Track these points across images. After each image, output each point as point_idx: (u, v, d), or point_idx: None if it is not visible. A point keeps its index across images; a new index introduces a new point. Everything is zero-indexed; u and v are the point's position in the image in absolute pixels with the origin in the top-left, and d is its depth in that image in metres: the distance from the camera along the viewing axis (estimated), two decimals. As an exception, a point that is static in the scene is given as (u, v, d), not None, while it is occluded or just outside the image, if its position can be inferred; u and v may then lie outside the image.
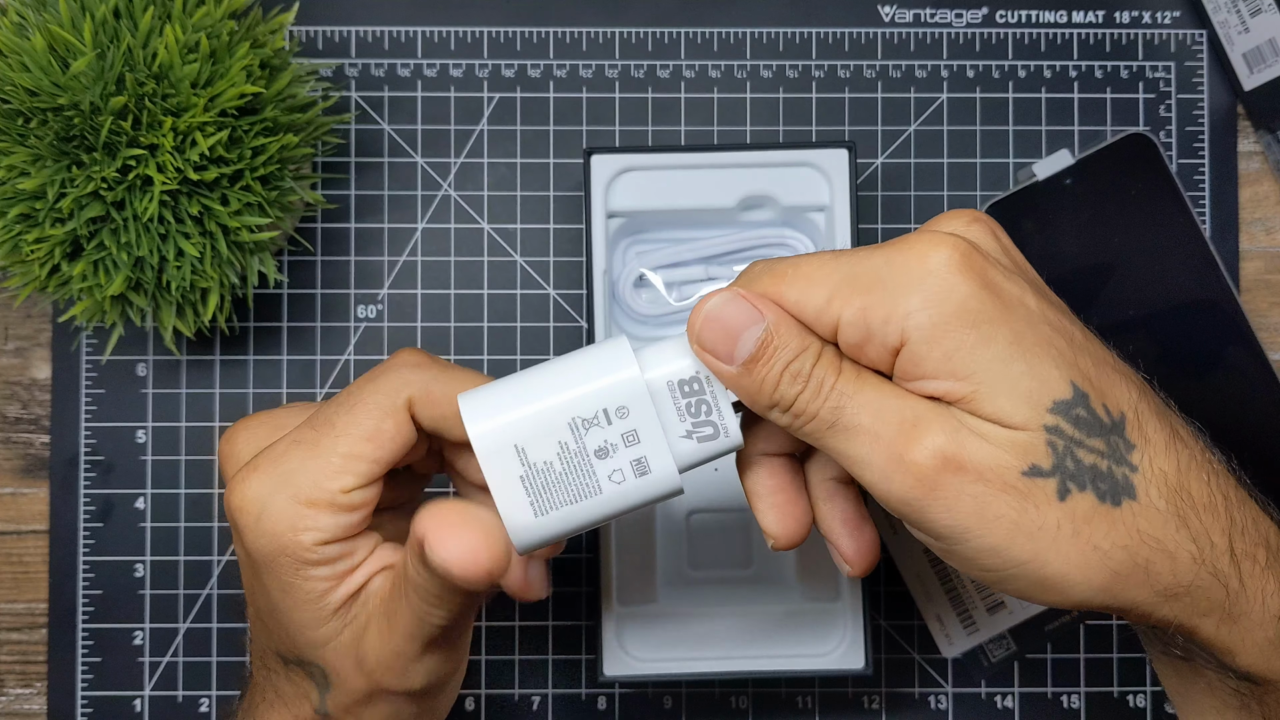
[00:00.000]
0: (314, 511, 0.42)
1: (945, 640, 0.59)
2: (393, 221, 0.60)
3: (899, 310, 0.38)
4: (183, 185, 0.50)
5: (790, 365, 0.39)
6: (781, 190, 0.55)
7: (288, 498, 0.42)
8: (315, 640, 0.43)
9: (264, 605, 0.44)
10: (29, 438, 0.60)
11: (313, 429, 0.43)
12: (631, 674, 0.54)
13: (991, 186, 0.61)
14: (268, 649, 0.46)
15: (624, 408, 0.40)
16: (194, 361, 0.60)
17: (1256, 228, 0.61)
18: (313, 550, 0.42)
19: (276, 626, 0.44)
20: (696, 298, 0.57)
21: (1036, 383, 0.37)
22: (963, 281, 0.38)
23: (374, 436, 0.42)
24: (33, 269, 0.51)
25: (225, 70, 0.50)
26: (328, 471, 0.42)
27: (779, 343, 0.39)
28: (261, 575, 0.43)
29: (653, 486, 0.41)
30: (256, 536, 0.42)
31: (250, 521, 0.42)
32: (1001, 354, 0.37)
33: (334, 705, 0.44)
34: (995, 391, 0.37)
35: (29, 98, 0.49)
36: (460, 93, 0.61)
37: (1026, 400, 0.37)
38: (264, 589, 0.43)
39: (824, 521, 0.43)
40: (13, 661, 0.60)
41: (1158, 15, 0.61)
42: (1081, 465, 0.37)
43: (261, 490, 0.42)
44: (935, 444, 0.37)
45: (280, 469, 0.42)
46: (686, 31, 0.61)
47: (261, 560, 0.42)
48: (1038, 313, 0.39)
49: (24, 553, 0.60)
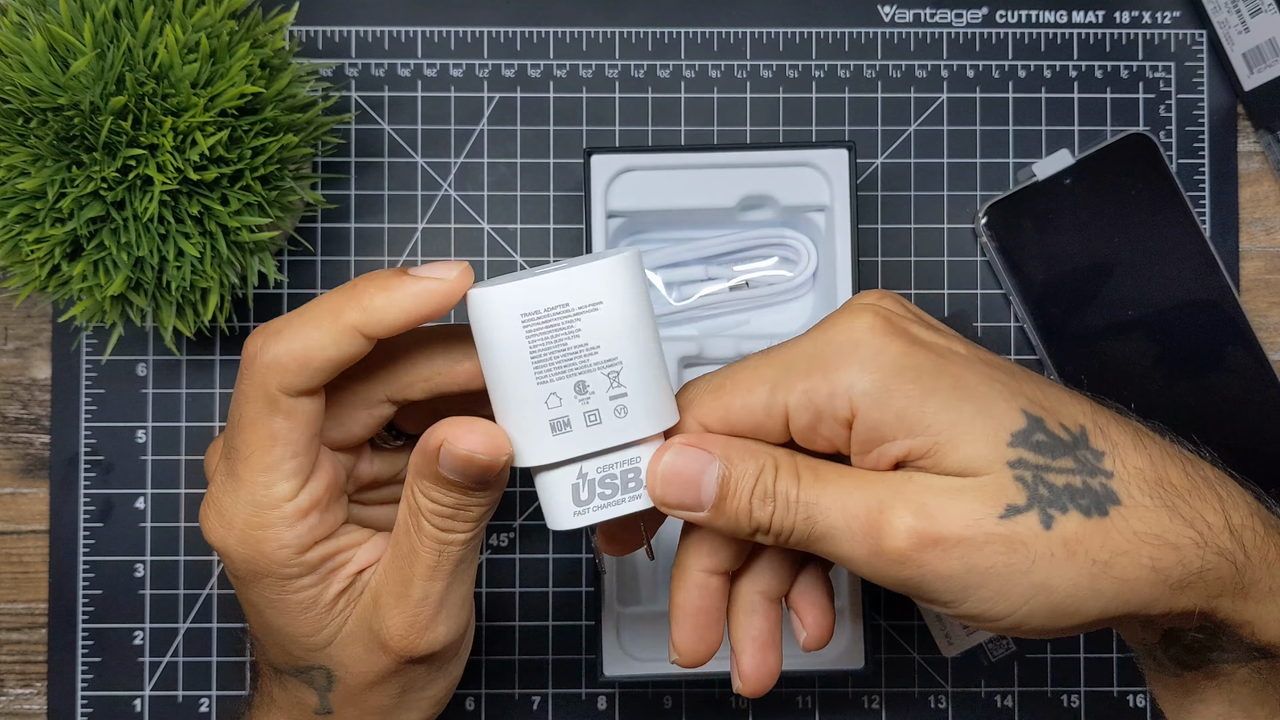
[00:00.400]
0: (272, 533, 0.42)
1: (945, 640, 0.59)
2: (393, 221, 0.60)
3: (841, 383, 0.39)
4: (183, 185, 0.50)
5: (755, 489, 0.39)
6: (781, 190, 0.55)
7: (241, 532, 0.42)
8: (315, 644, 0.44)
9: (258, 625, 0.45)
10: (29, 438, 0.60)
11: (227, 460, 0.43)
12: (631, 674, 0.54)
13: (991, 186, 0.61)
14: (263, 663, 0.47)
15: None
16: (194, 361, 0.60)
17: (1256, 228, 0.61)
18: (289, 565, 0.42)
19: (273, 642, 0.45)
20: (697, 298, 0.57)
21: (989, 420, 0.38)
22: (891, 342, 0.39)
23: (272, 440, 0.41)
24: (33, 269, 0.51)
25: (225, 70, 0.50)
26: (259, 494, 0.42)
27: (736, 473, 0.40)
28: (251, 599, 0.44)
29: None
30: (235, 566, 0.43)
31: (225, 558, 0.43)
32: (949, 400, 0.38)
33: (338, 700, 0.45)
34: (955, 439, 0.38)
35: (29, 98, 0.49)
36: (460, 93, 0.61)
37: (985, 440, 0.37)
38: (256, 611, 0.44)
39: (736, 632, 0.43)
40: (13, 661, 0.60)
41: (1158, 15, 0.61)
42: (1055, 489, 0.37)
43: (218, 531, 0.43)
44: (905, 525, 0.37)
45: (224, 510, 0.42)
46: (686, 31, 0.61)
47: (247, 586, 0.43)
48: (970, 355, 0.40)
49: (24, 553, 0.60)
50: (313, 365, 0.40)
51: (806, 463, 0.40)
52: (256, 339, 0.41)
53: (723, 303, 0.57)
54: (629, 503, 0.40)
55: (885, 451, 0.39)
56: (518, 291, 0.39)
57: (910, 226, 0.61)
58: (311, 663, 0.44)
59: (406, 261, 0.60)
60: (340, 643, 0.44)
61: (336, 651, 0.44)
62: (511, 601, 0.59)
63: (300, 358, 0.40)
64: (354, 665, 0.44)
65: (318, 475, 0.43)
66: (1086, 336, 0.59)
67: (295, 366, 0.40)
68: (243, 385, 0.41)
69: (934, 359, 0.39)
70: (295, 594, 0.43)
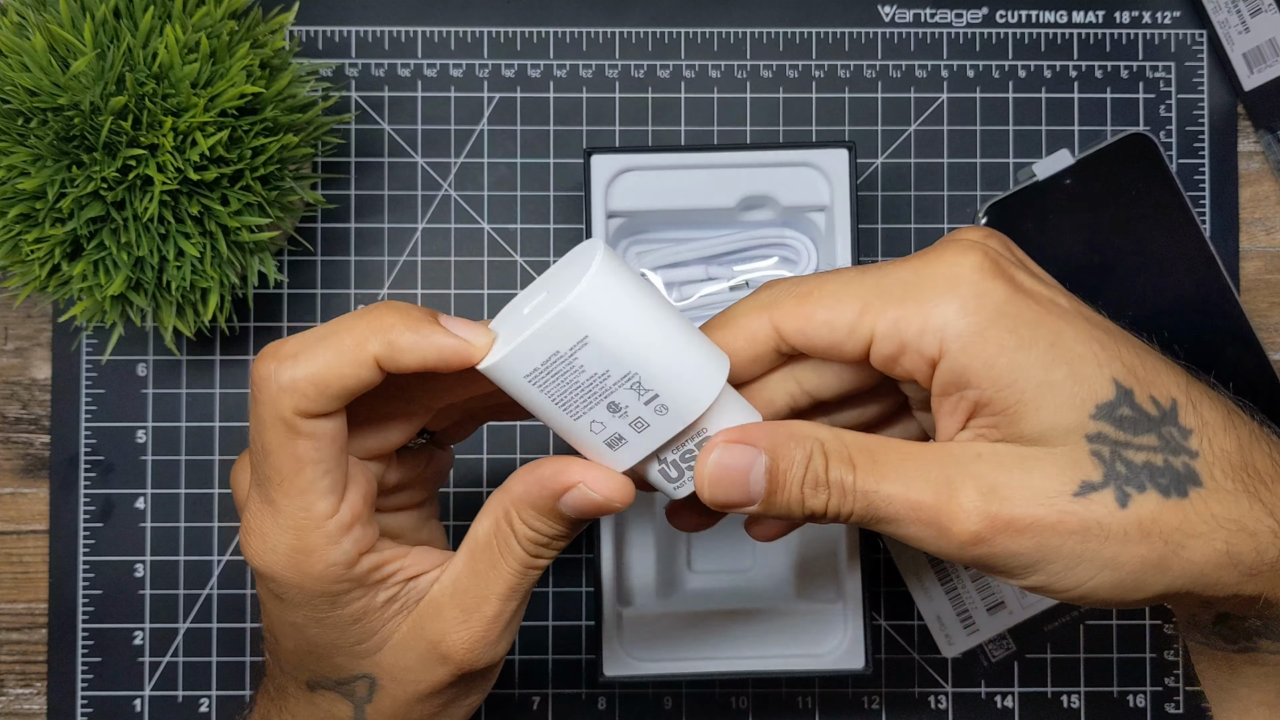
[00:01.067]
0: (318, 554, 0.41)
1: (945, 640, 0.59)
2: (393, 221, 0.60)
3: (934, 320, 0.37)
4: (183, 185, 0.50)
5: (805, 478, 0.38)
6: (781, 190, 0.55)
7: (287, 556, 0.41)
8: (363, 651, 0.43)
9: (298, 643, 0.43)
10: (29, 438, 0.60)
11: (259, 488, 0.41)
12: (631, 674, 0.54)
13: (991, 186, 0.61)
14: (289, 681, 0.45)
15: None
16: (194, 361, 0.60)
17: (1256, 228, 0.61)
18: (339, 583, 0.41)
19: (316, 658, 0.43)
20: (697, 298, 0.57)
21: (1078, 386, 0.36)
22: (997, 285, 0.37)
23: (300, 463, 0.40)
24: (33, 269, 0.51)
25: (225, 70, 0.50)
26: (298, 518, 0.41)
27: (783, 465, 0.38)
28: (296, 620, 0.42)
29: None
30: (283, 590, 0.42)
31: (271, 581, 0.42)
32: (1042, 358, 0.36)
33: (377, 713, 0.44)
34: (1039, 402, 0.36)
35: (29, 98, 0.49)
36: (460, 93, 0.61)
37: (1069, 408, 0.36)
38: (297, 630, 0.43)
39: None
40: (13, 661, 0.60)
41: (1158, 15, 0.61)
42: (1134, 466, 0.36)
43: (263, 557, 0.41)
44: (975, 508, 0.36)
45: (266, 536, 0.41)
46: (686, 31, 0.61)
47: (294, 609, 0.42)
48: (1072, 310, 0.38)
49: (24, 553, 0.60)
50: (329, 392, 0.39)
51: (860, 445, 0.38)
52: (268, 363, 0.40)
53: (723, 303, 0.57)
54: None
55: (965, 396, 0.37)
56: (509, 362, 0.39)
57: (910, 226, 0.61)
58: (357, 671, 0.43)
59: (406, 262, 0.60)
60: (391, 650, 0.43)
61: (386, 659, 0.43)
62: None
63: (318, 384, 0.39)
64: (404, 675, 0.43)
65: (353, 487, 0.42)
66: (1086, 336, 0.59)
67: (313, 392, 0.39)
68: (259, 411, 0.40)
69: (1035, 309, 0.37)
70: (346, 608, 0.42)
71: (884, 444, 0.38)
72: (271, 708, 0.46)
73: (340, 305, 0.60)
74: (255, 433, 0.40)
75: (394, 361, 0.39)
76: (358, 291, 0.60)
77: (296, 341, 0.40)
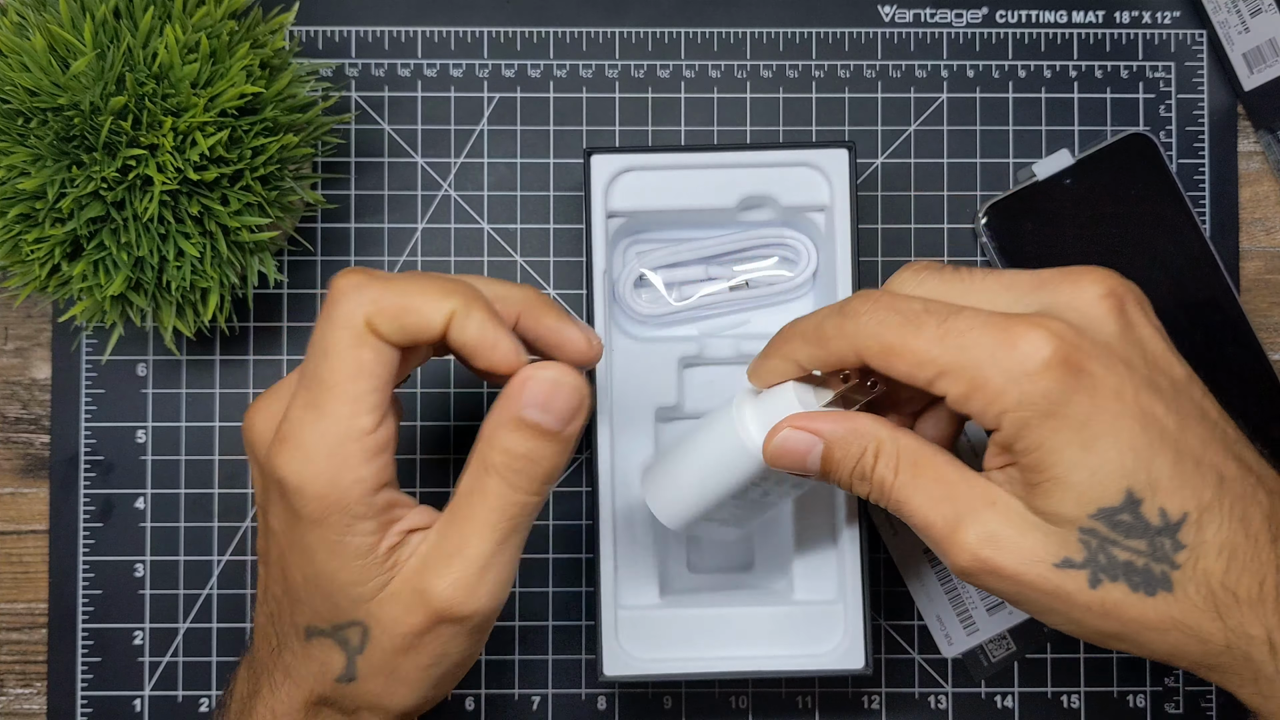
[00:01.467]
0: (351, 466, 0.43)
1: (945, 640, 0.59)
2: (393, 221, 0.60)
3: (994, 407, 0.41)
4: (183, 185, 0.50)
5: (854, 470, 0.45)
6: (781, 190, 0.55)
7: (322, 463, 0.43)
8: (360, 596, 0.44)
9: (305, 575, 0.45)
10: (29, 438, 0.60)
11: (308, 390, 0.44)
12: (631, 674, 0.54)
13: (991, 186, 0.61)
14: (288, 627, 0.46)
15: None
16: (194, 361, 0.60)
17: (1256, 228, 0.61)
18: (360, 502, 0.43)
19: (315, 594, 0.45)
20: (697, 298, 0.57)
21: (1093, 487, 0.40)
22: (1057, 383, 0.40)
23: (359, 371, 0.43)
24: (33, 269, 0.51)
25: (225, 70, 0.50)
26: (342, 425, 0.43)
27: (837, 456, 0.45)
28: (308, 542, 0.44)
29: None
30: (304, 504, 0.43)
31: (295, 494, 0.43)
32: (1074, 458, 0.40)
33: (367, 665, 0.45)
34: (1053, 492, 0.40)
35: (29, 98, 0.49)
36: (460, 93, 0.61)
37: (1076, 503, 0.40)
38: (307, 557, 0.44)
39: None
40: (13, 661, 0.60)
41: (1158, 15, 0.61)
42: (1115, 560, 0.40)
43: (295, 465, 0.43)
44: (971, 549, 0.42)
45: (303, 443, 0.43)
46: (686, 31, 0.61)
47: (310, 527, 0.44)
48: (1131, 406, 0.40)
49: (24, 553, 0.60)
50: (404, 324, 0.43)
51: (910, 454, 0.44)
52: (353, 275, 0.43)
53: (723, 303, 0.57)
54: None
55: (1009, 447, 0.42)
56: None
57: (910, 226, 0.61)
58: (351, 617, 0.45)
59: (406, 262, 0.60)
60: (382, 599, 0.44)
61: (377, 608, 0.44)
62: (511, 601, 0.59)
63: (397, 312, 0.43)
64: (392, 624, 0.44)
65: (387, 419, 0.44)
66: (1086, 336, 0.59)
67: (389, 315, 0.43)
68: (332, 314, 0.43)
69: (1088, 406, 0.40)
70: (356, 537, 0.43)
71: (931, 459, 0.44)
72: (262, 673, 0.47)
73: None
74: (319, 334, 0.43)
75: (459, 328, 0.43)
76: (358, 291, 0.60)
77: (385, 273, 0.44)
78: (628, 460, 0.56)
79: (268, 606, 0.47)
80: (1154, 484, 0.40)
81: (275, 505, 0.45)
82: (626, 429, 0.55)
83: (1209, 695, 0.59)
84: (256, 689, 0.47)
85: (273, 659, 0.47)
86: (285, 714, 0.46)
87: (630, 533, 0.56)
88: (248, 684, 0.48)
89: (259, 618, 0.48)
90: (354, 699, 0.46)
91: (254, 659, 0.48)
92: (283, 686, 0.47)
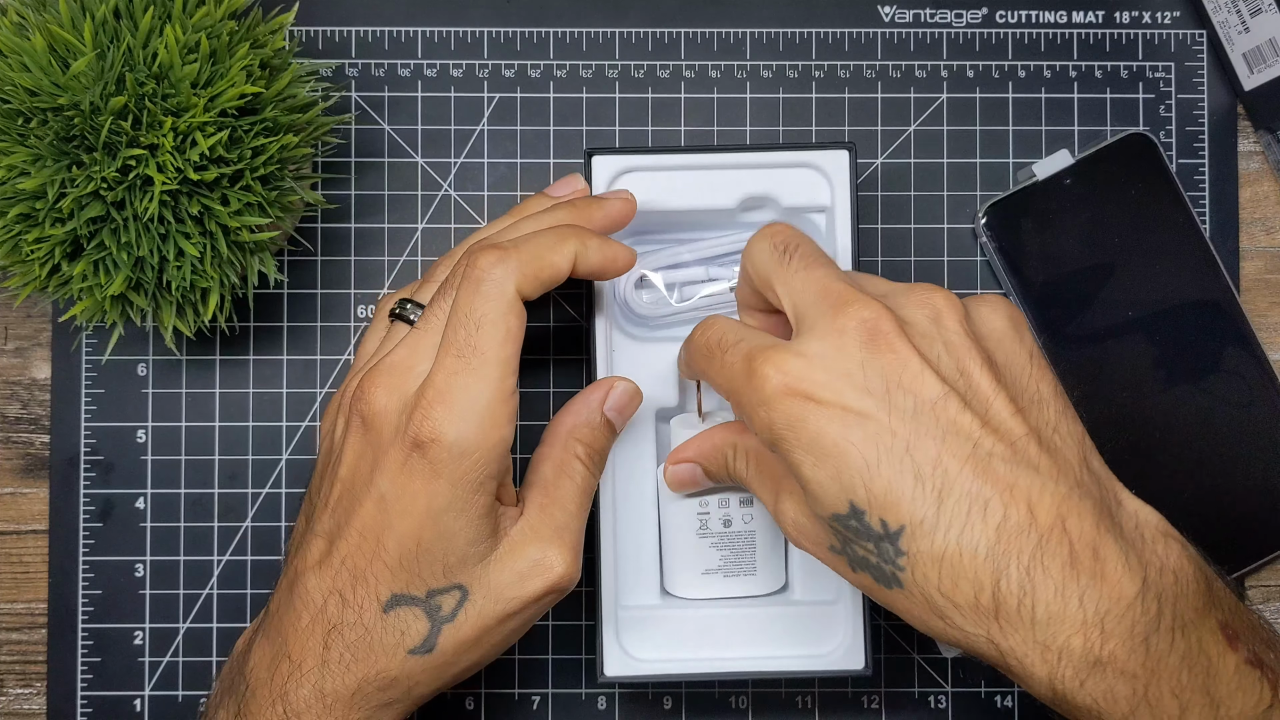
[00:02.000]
0: (500, 423, 0.47)
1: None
2: (393, 221, 0.60)
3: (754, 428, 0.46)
4: (183, 185, 0.50)
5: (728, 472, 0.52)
6: (782, 191, 0.55)
7: (478, 420, 0.47)
8: (472, 556, 0.48)
9: (421, 538, 0.47)
10: (29, 438, 0.60)
11: (460, 358, 0.47)
12: (631, 674, 0.54)
13: (991, 186, 0.61)
14: (366, 599, 0.48)
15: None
16: (194, 361, 0.60)
17: (1256, 228, 0.61)
18: (499, 461, 0.48)
19: (424, 557, 0.48)
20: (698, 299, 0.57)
21: (825, 496, 0.44)
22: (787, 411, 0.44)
23: (508, 336, 0.48)
24: (33, 269, 0.51)
25: (225, 70, 0.50)
26: (495, 386, 0.47)
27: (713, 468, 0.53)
28: (438, 503, 0.47)
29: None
30: (454, 461, 0.47)
31: (448, 450, 0.47)
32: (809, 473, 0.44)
33: (453, 633, 0.48)
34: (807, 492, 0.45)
35: (29, 98, 0.49)
36: (460, 93, 0.61)
37: (817, 506, 0.45)
38: (431, 517, 0.47)
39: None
40: (13, 661, 0.60)
41: (1158, 15, 0.61)
42: (857, 555, 0.44)
43: (448, 422, 0.47)
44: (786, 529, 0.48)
45: (456, 403, 0.47)
46: (686, 31, 0.61)
47: (451, 483, 0.47)
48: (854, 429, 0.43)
49: (24, 553, 0.60)
50: (543, 278, 0.49)
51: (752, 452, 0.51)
52: (493, 251, 0.48)
53: (723, 303, 0.57)
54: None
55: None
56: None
57: (910, 227, 0.61)
58: (456, 580, 0.48)
59: (406, 262, 0.60)
60: (489, 564, 0.48)
61: (484, 571, 0.48)
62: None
63: (536, 270, 0.49)
64: (501, 590, 0.48)
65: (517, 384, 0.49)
66: (1087, 337, 0.59)
67: (532, 275, 0.48)
68: (483, 289, 0.48)
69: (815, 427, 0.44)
70: (485, 496, 0.48)
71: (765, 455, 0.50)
72: (305, 652, 0.48)
73: (340, 305, 0.60)
74: (469, 307, 0.48)
75: (585, 259, 0.50)
76: (357, 291, 0.60)
77: (509, 240, 0.49)
78: (628, 460, 0.56)
79: (337, 580, 0.48)
80: (872, 498, 0.43)
81: (397, 469, 0.47)
82: (627, 429, 0.55)
83: (1209, 695, 0.59)
84: (296, 666, 0.48)
85: (328, 635, 0.47)
86: (334, 692, 0.47)
87: (630, 533, 0.56)
88: (271, 665, 0.48)
89: (312, 592, 0.48)
90: (418, 673, 0.48)
91: (281, 638, 0.48)
92: (339, 663, 0.47)
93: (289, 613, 0.48)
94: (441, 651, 0.48)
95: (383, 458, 0.48)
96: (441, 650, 0.48)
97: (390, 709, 0.48)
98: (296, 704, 0.47)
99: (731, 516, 0.56)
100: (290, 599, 0.49)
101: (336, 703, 0.47)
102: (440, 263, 0.54)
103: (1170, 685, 0.41)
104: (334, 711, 0.47)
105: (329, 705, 0.47)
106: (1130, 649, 0.41)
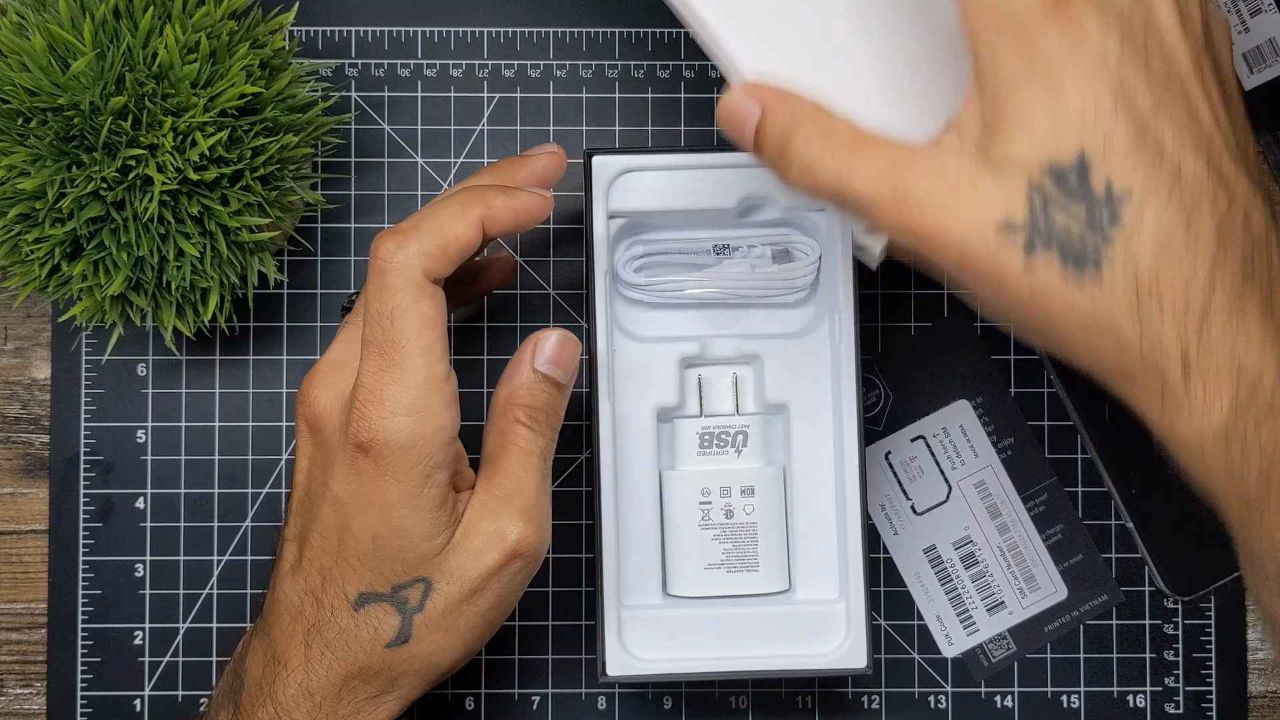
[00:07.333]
0: (434, 414, 0.47)
1: (945, 640, 0.59)
2: (393, 221, 0.60)
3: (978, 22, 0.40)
4: (183, 185, 0.50)
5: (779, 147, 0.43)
6: (782, 191, 0.55)
7: (407, 416, 0.46)
8: (430, 550, 0.48)
9: (375, 535, 0.47)
10: (29, 438, 0.60)
11: (379, 355, 0.47)
12: (632, 674, 0.54)
13: (991, 186, 0.61)
14: (335, 598, 0.48)
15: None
16: (194, 361, 0.60)
17: (1256, 228, 0.61)
18: (441, 450, 0.47)
19: (382, 555, 0.48)
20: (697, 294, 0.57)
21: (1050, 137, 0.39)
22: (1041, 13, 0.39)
23: (424, 323, 0.47)
24: (33, 269, 0.51)
25: (225, 70, 0.51)
26: (421, 376, 0.47)
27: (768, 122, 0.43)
28: (388, 499, 0.47)
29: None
30: (394, 458, 0.47)
31: (385, 449, 0.47)
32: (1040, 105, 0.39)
33: (425, 622, 0.48)
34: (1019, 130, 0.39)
35: (29, 98, 0.49)
36: (460, 93, 0.61)
37: (1031, 147, 0.39)
38: (384, 515, 0.47)
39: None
40: (13, 661, 0.60)
41: (1158, 15, 0.61)
42: (1053, 225, 0.39)
43: (382, 422, 0.46)
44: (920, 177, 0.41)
45: (385, 400, 0.46)
46: (686, 31, 0.61)
47: (394, 482, 0.47)
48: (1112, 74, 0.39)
49: (24, 553, 0.60)
50: (449, 252, 0.47)
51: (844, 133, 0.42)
52: (391, 239, 0.47)
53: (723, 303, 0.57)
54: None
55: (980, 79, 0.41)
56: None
57: (910, 226, 0.61)
58: (417, 574, 0.48)
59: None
60: (448, 552, 0.48)
61: (443, 560, 0.48)
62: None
63: (441, 246, 0.47)
64: (460, 572, 0.48)
65: (451, 368, 0.48)
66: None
67: (437, 254, 0.47)
68: (388, 280, 0.47)
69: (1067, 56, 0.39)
70: (434, 488, 0.47)
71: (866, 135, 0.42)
72: (290, 651, 0.48)
73: (340, 305, 0.60)
74: (379, 301, 0.47)
75: (494, 220, 0.48)
76: (357, 291, 0.60)
77: (408, 221, 0.48)
78: (628, 460, 0.56)
79: (309, 581, 0.49)
80: (1107, 152, 0.39)
81: (346, 470, 0.47)
82: (627, 429, 0.56)
83: (1209, 696, 0.59)
84: (283, 666, 0.48)
85: (308, 635, 0.48)
86: (320, 689, 0.48)
87: (630, 533, 0.56)
88: (263, 665, 0.49)
89: (290, 595, 0.49)
90: (400, 664, 0.48)
91: (270, 639, 0.49)
92: (320, 661, 0.48)
93: (273, 614, 0.50)
94: (418, 640, 0.48)
95: (332, 461, 0.48)
96: (418, 639, 0.48)
97: (378, 701, 0.49)
98: (286, 702, 0.48)
99: (733, 506, 0.55)
100: (274, 601, 0.50)
101: (325, 700, 0.48)
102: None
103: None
104: (323, 708, 0.48)
105: (317, 703, 0.48)
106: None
